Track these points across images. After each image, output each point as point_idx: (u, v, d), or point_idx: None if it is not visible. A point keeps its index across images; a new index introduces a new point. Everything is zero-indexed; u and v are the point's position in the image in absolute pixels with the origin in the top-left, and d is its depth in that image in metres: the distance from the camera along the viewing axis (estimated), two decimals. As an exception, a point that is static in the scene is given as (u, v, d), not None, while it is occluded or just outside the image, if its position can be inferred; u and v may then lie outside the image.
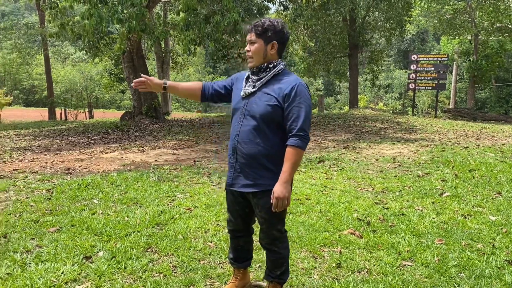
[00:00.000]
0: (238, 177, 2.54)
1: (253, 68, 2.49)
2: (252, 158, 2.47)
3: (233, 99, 2.61)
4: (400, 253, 3.56)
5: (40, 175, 6.60)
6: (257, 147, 2.45)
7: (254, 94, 2.48)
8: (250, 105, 2.47)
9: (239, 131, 2.50)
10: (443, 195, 5.30)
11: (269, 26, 2.42)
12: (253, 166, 2.48)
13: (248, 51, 2.46)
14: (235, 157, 2.53)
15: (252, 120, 2.45)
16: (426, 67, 17.88)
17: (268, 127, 2.43)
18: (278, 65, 2.48)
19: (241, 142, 2.48)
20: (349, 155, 8.12)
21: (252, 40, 2.44)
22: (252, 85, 2.49)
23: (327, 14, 18.31)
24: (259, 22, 2.45)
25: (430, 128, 12.51)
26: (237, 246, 2.82)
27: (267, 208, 2.47)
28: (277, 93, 2.41)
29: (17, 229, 4.08)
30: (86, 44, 13.98)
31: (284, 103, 2.39)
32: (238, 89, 2.60)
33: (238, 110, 2.54)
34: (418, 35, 51.68)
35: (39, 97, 47.75)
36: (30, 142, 11.14)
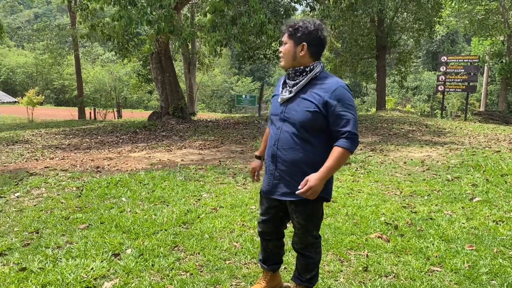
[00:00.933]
0: (278, 185, 2.48)
1: (289, 70, 2.43)
2: (292, 165, 2.41)
3: (272, 105, 2.57)
4: (428, 258, 3.49)
5: (70, 173, 6.76)
6: (298, 153, 2.38)
7: (292, 100, 2.40)
8: (288, 112, 2.41)
9: (279, 137, 2.44)
10: (474, 200, 5.17)
11: (300, 27, 2.36)
12: (293, 174, 2.41)
13: (280, 51, 2.45)
14: (275, 164, 2.47)
15: (292, 126, 2.39)
16: (456, 68, 17.49)
17: (308, 133, 2.36)
18: (314, 68, 2.38)
19: (280, 149, 2.43)
20: (376, 158, 8.02)
21: (284, 41, 2.42)
22: (288, 91, 2.43)
23: (355, 15, 18.13)
24: (292, 22, 2.41)
25: (460, 131, 12.23)
26: (266, 248, 2.80)
27: (305, 215, 2.47)
28: (317, 99, 2.32)
29: (48, 225, 4.19)
30: (116, 45, 14.28)
31: (328, 109, 2.30)
32: (276, 94, 2.56)
33: (277, 116, 2.48)
34: (448, 36, 50.56)
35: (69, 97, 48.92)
36: (61, 140, 11.43)
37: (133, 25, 10.13)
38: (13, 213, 4.62)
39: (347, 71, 24.45)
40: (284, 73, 2.54)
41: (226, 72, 59.03)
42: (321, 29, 2.39)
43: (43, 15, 73.95)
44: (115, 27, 11.65)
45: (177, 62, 27.90)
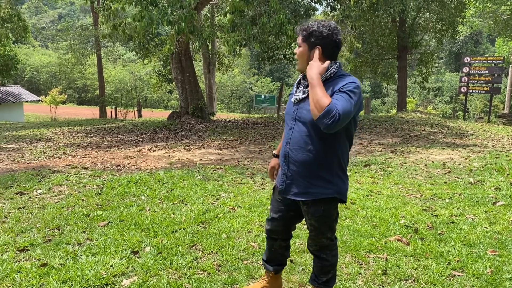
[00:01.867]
0: (291, 185, 2.47)
1: (301, 72, 2.46)
2: (303, 166, 2.39)
3: (287, 104, 2.58)
4: (449, 262, 3.43)
5: (91, 171, 6.86)
6: (309, 154, 2.36)
7: (305, 100, 2.38)
8: (300, 111, 2.40)
9: (290, 137, 2.44)
10: (497, 204, 5.06)
11: (314, 31, 2.34)
12: (304, 175, 2.40)
13: (295, 54, 2.48)
14: (287, 164, 2.47)
15: (303, 126, 2.38)
16: (479, 70, 17.15)
17: (319, 134, 2.32)
18: (329, 69, 2.35)
19: (292, 149, 2.42)
20: (396, 160, 7.92)
21: (299, 44, 2.42)
22: (302, 91, 2.42)
23: (376, 15, 17.95)
24: (306, 25, 2.40)
25: (483, 134, 11.98)
26: (271, 247, 2.77)
27: (317, 216, 2.44)
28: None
29: (69, 222, 4.26)
30: (137, 45, 14.44)
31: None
32: (291, 94, 2.57)
33: (290, 116, 2.49)
34: (471, 37, 49.69)
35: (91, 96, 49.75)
36: (82, 139, 11.61)
37: (154, 25, 10.22)
38: (36, 209, 4.71)
39: (368, 71, 24.22)
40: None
41: (245, 72, 59.16)
42: (336, 32, 2.36)
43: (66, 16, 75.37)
44: (136, 27, 11.79)
45: (197, 62, 28.08)
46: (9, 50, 24.45)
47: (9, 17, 20.77)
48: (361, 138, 11.04)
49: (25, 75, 54.24)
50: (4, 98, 26.80)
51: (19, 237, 3.85)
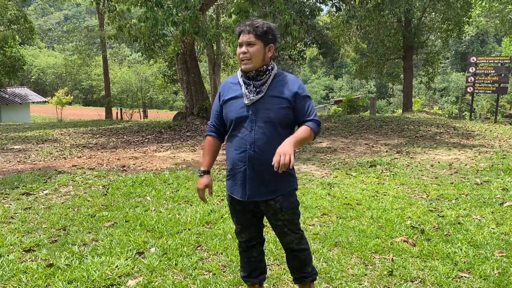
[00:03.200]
0: (259, 188, 2.40)
1: (251, 71, 2.37)
2: (270, 164, 2.29)
3: (231, 110, 2.43)
4: (456, 263, 3.40)
5: (97, 172, 6.89)
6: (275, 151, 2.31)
7: (261, 100, 2.36)
8: (261, 112, 2.35)
9: (254, 139, 2.35)
10: (504, 204, 5.02)
11: (268, 29, 2.35)
12: (273, 173, 2.28)
13: (245, 53, 2.33)
14: (252, 167, 2.38)
15: (267, 126, 2.35)
16: (486, 69, 17.02)
17: (282, 130, 2.37)
18: (274, 67, 2.44)
19: (258, 151, 2.35)
20: (402, 160, 7.88)
21: (252, 42, 2.32)
22: (255, 91, 2.37)
23: (381, 15, 17.89)
24: (258, 23, 2.35)
25: (490, 134, 11.90)
26: (250, 258, 2.68)
27: (290, 209, 2.46)
28: (287, 94, 2.37)
29: (75, 222, 4.27)
30: (142, 46, 14.50)
31: (296, 101, 2.37)
32: (233, 98, 2.44)
33: (245, 119, 2.37)
34: (477, 37, 49.40)
35: (97, 97, 49.93)
36: (88, 139, 11.66)
37: (159, 26, 10.25)
38: (42, 210, 4.72)
39: (373, 72, 24.14)
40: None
41: (250, 72, 59.02)
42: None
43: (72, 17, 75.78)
44: (141, 28, 11.81)
45: (202, 63, 28.11)
46: (16, 51, 24.59)
47: (15, 18, 20.90)
48: (366, 138, 11.00)
49: (32, 76, 54.53)
50: (11, 99, 26.98)
51: (25, 237, 3.87)
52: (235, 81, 2.48)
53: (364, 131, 12.38)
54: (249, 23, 2.36)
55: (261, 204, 2.46)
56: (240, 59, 2.37)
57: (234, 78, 2.50)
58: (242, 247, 2.68)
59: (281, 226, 2.51)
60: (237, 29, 2.40)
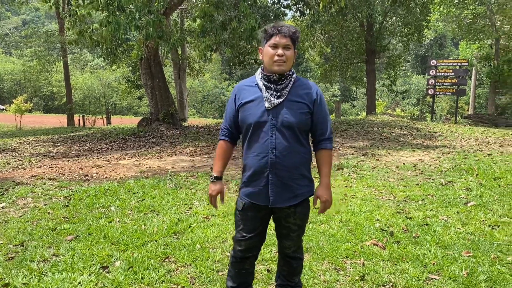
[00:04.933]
0: (281, 193, 2.39)
1: (274, 74, 2.34)
2: (294, 169, 2.38)
3: (250, 114, 2.39)
4: (426, 265, 3.42)
5: (58, 182, 6.61)
6: (297, 156, 2.38)
7: (282, 104, 2.35)
8: (281, 116, 2.34)
9: (275, 144, 2.34)
10: (468, 204, 5.13)
11: (299, 34, 2.41)
12: (294, 178, 2.39)
13: (282, 55, 2.31)
14: (274, 172, 2.36)
15: (288, 130, 2.34)
16: (445, 72, 17.57)
17: (302, 135, 2.40)
18: (293, 72, 2.45)
19: (279, 156, 2.34)
20: (368, 162, 7.97)
21: (289, 46, 2.33)
22: (276, 95, 2.35)
23: (344, 20, 18.16)
24: (294, 28, 2.37)
25: (451, 135, 12.25)
26: (241, 270, 2.60)
27: (303, 214, 2.47)
28: (307, 100, 2.38)
29: (34, 237, 4.05)
30: (104, 51, 14.11)
31: (315, 108, 2.40)
32: (251, 101, 2.40)
33: (265, 123, 2.35)
34: (436, 40, 51.11)
35: (58, 104, 48.50)
36: (49, 148, 11.23)
37: (121, 30, 10.00)
38: (-2, 224, 4.47)
39: (337, 75, 24.50)
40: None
41: (216, 77, 58.99)
42: None
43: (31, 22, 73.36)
44: (103, 33, 11.52)
45: (167, 67, 27.75)
46: (-30, 57, 23.50)
47: (-31, 23, 19.96)
48: (333, 141, 11.08)
49: (-12, 83, 52.41)
50: (-35, 107, 25.75)
51: (-21, 255, 3.63)
52: (252, 83, 2.45)
53: (330, 134, 12.47)
54: (284, 25, 2.36)
55: (275, 209, 2.44)
56: (273, 61, 2.32)
57: (250, 80, 2.47)
58: (236, 257, 2.58)
59: (289, 229, 2.49)
60: (269, 29, 2.36)
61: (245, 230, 2.50)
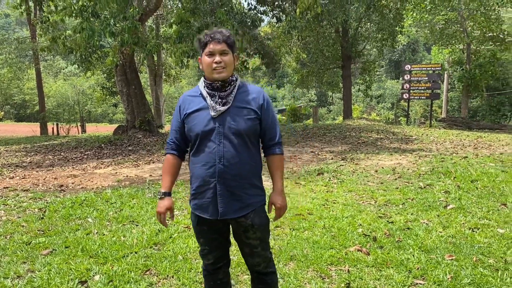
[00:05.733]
0: (230, 204, 2.26)
1: (216, 82, 2.27)
2: (242, 179, 2.27)
3: (196, 123, 2.30)
4: (410, 270, 3.41)
5: (32, 193, 6.40)
6: (245, 165, 2.28)
7: (228, 111, 2.27)
8: (227, 123, 2.25)
9: (223, 153, 2.24)
10: (448, 207, 5.18)
11: (234, 38, 2.34)
12: (243, 187, 2.28)
13: (220, 62, 2.23)
14: (222, 183, 2.25)
15: (236, 138, 2.25)
16: (420, 77, 17.90)
17: (251, 142, 2.31)
18: (237, 77, 2.36)
19: (227, 165, 2.23)
20: (348, 167, 8.00)
21: (226, 51, 2.25)
22: (222, 102, 2.27)
23: (320, 26, 18.32)
24: (227, 32, 2.31)
25: (426, 138, 12.45)
26: (216, 281, 2.50)
27: (262, 226, 2.35)
28: (253, 105, 2.31)
29: (7, 252, 3.89)
30: (78, 58, 13.83)
31: (262, 113, 2.33)
32: (197, 110, 2.32)
33: (212, 132, 2.26)
34: (408, 45, 52.14)
35: (31, 112, 47.37)
36: (22, 158, 10.91)
37: (95, 37, 9.82)
38: (-32, 240, 4.27)
39: (314, 81, 24.68)
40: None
41: (193, 83, 58.68)
42: None
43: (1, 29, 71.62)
44: (77, 39, 11.29)
45: (143, 74, 27.45)
46: None
47: None
48: (312, 146, 11.12)
49: (-44, 91, 50.75)
50: None
51: None
52: (196, 93, 2.37)
53: (309, 139, 12.53)
54: (218, 31, 2.28)
55: (231, 222, 2.34)
56: (212, 69, 2.25)
57: (194, 90, 2.39)
58: (208, 270, 2.49)
59: (251, 245, 2.37)
60: (202, 37, 2.28)
61: (206, 244, 2.41)
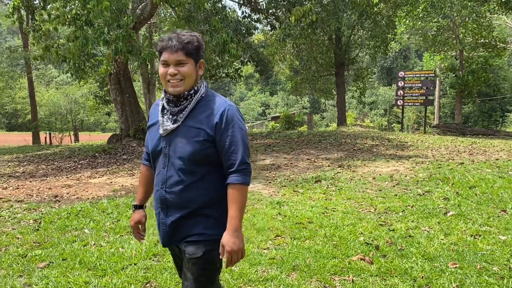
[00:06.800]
0: (174, 232, 2.01)
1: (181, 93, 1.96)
2: (187, 208, 1.97)
3: (149, 139, 2.10)
4: (415, 279, 3.37)
5: (26, 204, 6.29)
6: (194, 193, 1.96)
7: (177, 130, 1.97)
8: (174, 145, 1.97)
9: (166, 177, 1.98)
10: (448, 214, 5.15)
11: (199, 44, 1.97)
12: (187, 217, 1.99)
13: (175, 74, 1.92)
14: (166, 210, 2.00)
15: (180, 162, 1.95)
16: (413, 83, 18.00)
17: (201, 167, 1.96)
18: (200, 89, 2.01)
19: (170, 192, 1.97)
20: (345, 174, 7.97)
21: (183, 61, 1.92)
22: (172, 119, 1.98)
23: (314, 33, 18.39)
24: (186, 37, 1.94)
25: (421, 144, 12.47)
26: None
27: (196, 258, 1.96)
28: (206, 124, 1.95)
29: (3, 265, 3.79)
30: (72, 66, 13.74)
31: (216, 135, 1.94)
32: (153, 124, 2.09)
33: (160, 153, 2.02)
34: (400, 52, 52.53)
35: (22, 121, 47.03)
36: (14, 168, 10.77)
37: (89, 45, 9.77)
38: (-38, 253, 4.17)
39: (307, 88, 24.75)
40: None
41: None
42: None
43: (-8, 37, 71.22)
44: (70, 48, 11.21)
45: (136, 82, 27.38)
46: None
47: None
48: (308, 153, 11.09)
49: None
50: None
51: None
52: (159, 102, 2.09)
53: (304, 146, 12.50)
54: (174, 36, 1.93)
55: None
56: (166, 81, 1.94)
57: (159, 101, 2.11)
58: None
59: (185, 274, 2.03)
60: (158, 43, 1.96)
61: (176, 268, 2.25)
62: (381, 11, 19.06)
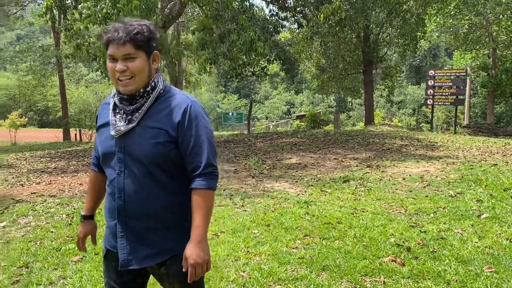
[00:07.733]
0: (136, 249, 1.78)
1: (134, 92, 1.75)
2: (151, 219, 1.77)
3: (99, 142, 1.85)
4: (449, 282, 3.29)
5: (59, 199, 6.45)
6: (158, 201, 1.76)
7: (132, 131, 1.75)
8: (129, 148, 1.75)
9: (123, 185, 1.75)
10: (482, 216, 5.02)
11: (150, 34, 1.73)
12: (154, 229, 1.78)
13: (124, 71, 1.70)
14: (124, 222, 1.78)
15: (139, 167, 1.74)
16: (444, 82, 17.62)
17: (163, 171, 1.76)
18: (158, 84, 1.79)
19: (129, 201, 1.75)
20: (374, 174, 7.86)
21: (131, 54, 1.70)
22: (126, 119, 1.75)
23: (342, 31, 18.21)
24: (134, 27, 1.69)
25: (452, 145, 12.18)
26: None
27: (181, 276, 1.76)
28: (166, 123, 1.75)
29: (38, 258, 3.90)
30: (101, 64, 14.01)
31: (178, 135, 1.75)
32: (104, 125, 1.85)
33: (112, 157, 1.78)
34: (430, 51, 51.48)
35: (53, 118, 48.31)
36: (46, 164, 11.06)
37: (120, 44, 9.92)
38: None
39: (334, 86, 24.52)
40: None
41: (212, 90, 59.07)
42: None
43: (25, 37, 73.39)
44: (100, 46, 11.43)
45: (163, 81, 27.67)
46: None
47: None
48: (335, 153, 10.99)
49: (-18, 98, 52.12)
50: (-41, 123, 25.53)
51: (-19, 279, 3.47)
52: (109, 101, 1.86)
53: (331, 145, 12.39)
54: (121, 26, 1.69)
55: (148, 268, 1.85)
56: (115, 79, 1.73)
57: (111, 96, 1.87)
58: None
59: None
60: (104, 36, 1.73)
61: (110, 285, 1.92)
62: (411, 8, 18.69)
